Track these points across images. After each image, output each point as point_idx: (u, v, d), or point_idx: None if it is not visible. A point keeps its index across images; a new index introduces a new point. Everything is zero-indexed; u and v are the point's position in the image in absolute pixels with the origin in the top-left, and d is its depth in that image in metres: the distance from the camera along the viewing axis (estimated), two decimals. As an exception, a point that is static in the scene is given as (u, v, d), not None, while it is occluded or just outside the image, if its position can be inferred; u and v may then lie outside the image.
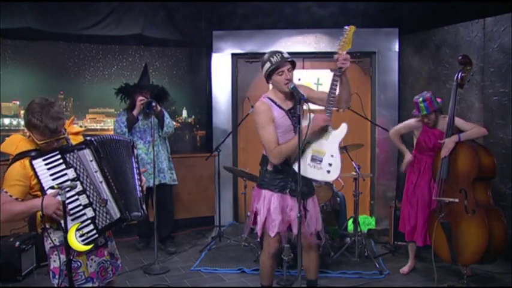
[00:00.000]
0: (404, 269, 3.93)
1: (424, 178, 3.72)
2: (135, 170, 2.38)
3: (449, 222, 3.38)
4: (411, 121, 3.87)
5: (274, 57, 2.73)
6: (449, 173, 3.43)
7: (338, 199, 4.55)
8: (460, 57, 3.50)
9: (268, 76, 2.79)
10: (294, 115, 2.76)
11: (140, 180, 2.40)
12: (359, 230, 4.32)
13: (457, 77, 3.45)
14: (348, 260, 4.15)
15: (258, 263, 4.05)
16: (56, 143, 2.17)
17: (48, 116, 2.08)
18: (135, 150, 2.44)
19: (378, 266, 3.98)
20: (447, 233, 3.38)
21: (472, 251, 3.27)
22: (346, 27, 2.69)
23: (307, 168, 2.74)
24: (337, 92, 2.74)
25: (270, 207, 2.80)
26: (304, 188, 2.79)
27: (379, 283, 3.73)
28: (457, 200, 3.34)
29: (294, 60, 2.80)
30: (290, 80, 2.74)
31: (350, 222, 4.61)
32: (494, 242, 3.20)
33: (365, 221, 5.30)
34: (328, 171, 2.71)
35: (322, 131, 2.73)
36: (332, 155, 2.71)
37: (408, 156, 3.85)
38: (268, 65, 2.75)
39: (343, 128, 2.75)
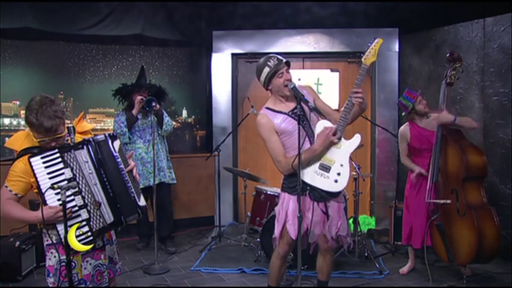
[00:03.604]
0: (404, 269, 3.93)
1: (421, 180, 3.68)
2: (121, 166, 2.29)
3: (443, 223, 3.37)
4: (400, 130, 3.81)
5: (271, 61, 2.74)
6: (441, 174, 3.42)
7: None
8: (448, 55, 3.44)
9: (269, 81, 2.77)
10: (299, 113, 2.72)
11: (131, 171, 2.32)
12: (359, 230, 4.32)
13: (446, 75, 3.42)
14: (348, 260, 4.15)
15: (258, 263, 4.07)
16: (54, 142, 2.15)
17: (44, 115, 2.07)
18: (115, 144, 2.30)
19: (377, 266, 3.99)
20: (442, 234, 3.38)
21: (464, 251, 3.27)
22: (373, 39, 2.75)
23: (315, 177, 2.71)
24: (349, 116, 2.73)
25: (289, 209, 2.78)
26: (323, 192, 2.75)
27: (379, 283, 3.73)
28: (449, 201, 3.33)
29: (288, 60, 2.80)
30: (289, 80, 2.74)
31: (350, 222, 4.59)
32: (486, 243, 3.19)
33: (365, 221, 5.31)
34: (336, 181, 2.68)
35: (331, 144, 2.70)
36: (342, 165, 2.68)
37: (417, 170, 3.65)
38: (267, 69, 2.73)
39: (356, 139, 2.72)
